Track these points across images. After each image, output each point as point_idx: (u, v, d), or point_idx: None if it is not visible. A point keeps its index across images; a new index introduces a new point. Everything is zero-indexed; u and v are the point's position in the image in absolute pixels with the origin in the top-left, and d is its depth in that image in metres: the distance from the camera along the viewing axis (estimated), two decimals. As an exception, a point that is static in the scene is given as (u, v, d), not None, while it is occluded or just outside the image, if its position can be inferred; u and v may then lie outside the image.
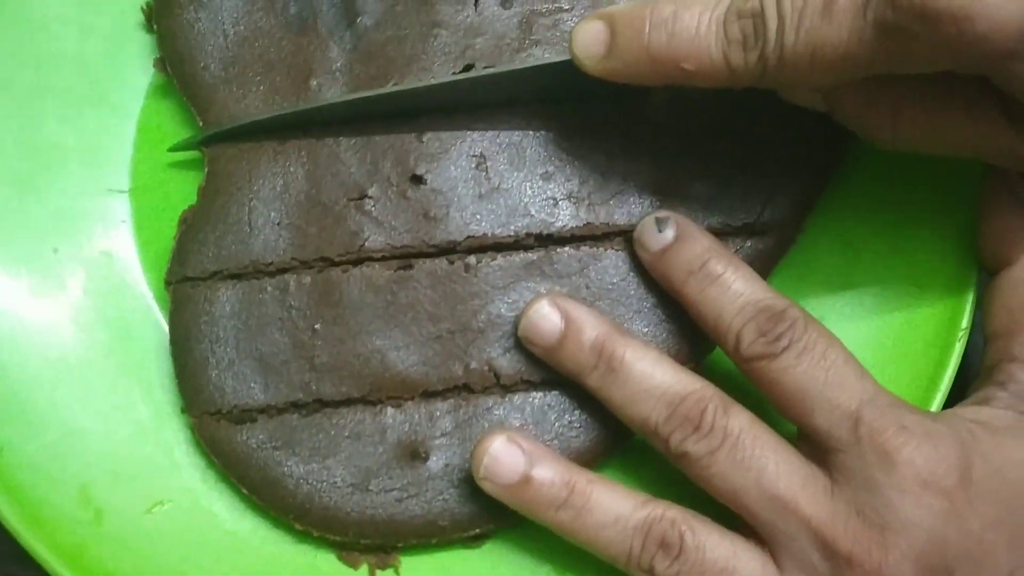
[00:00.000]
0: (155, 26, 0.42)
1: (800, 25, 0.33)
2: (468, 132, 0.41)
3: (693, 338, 0.40)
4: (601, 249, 0.40)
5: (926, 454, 0.35)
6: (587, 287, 0.40)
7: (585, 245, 0.40)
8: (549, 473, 0.37)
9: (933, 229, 0.42)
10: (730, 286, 0.38)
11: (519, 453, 0.37)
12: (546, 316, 0.39)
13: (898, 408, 0.36)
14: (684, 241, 0.39)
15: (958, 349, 0.40)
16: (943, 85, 0.36)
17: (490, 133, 0.41)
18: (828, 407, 0.36)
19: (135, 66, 0.43)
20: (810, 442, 0.37)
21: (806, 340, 0.37)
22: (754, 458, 0.36)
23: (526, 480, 0.37)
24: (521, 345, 0.39)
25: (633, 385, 0.37)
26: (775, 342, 0.37)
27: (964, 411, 0.38)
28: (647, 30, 0.35)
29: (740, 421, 0.37)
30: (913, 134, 0.38)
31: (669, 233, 0.39)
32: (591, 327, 0.38)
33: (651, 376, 0.37)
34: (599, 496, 0.37)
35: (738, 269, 0.38)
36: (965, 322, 0.40)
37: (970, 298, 0.41)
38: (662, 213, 0.39)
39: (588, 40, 0.37)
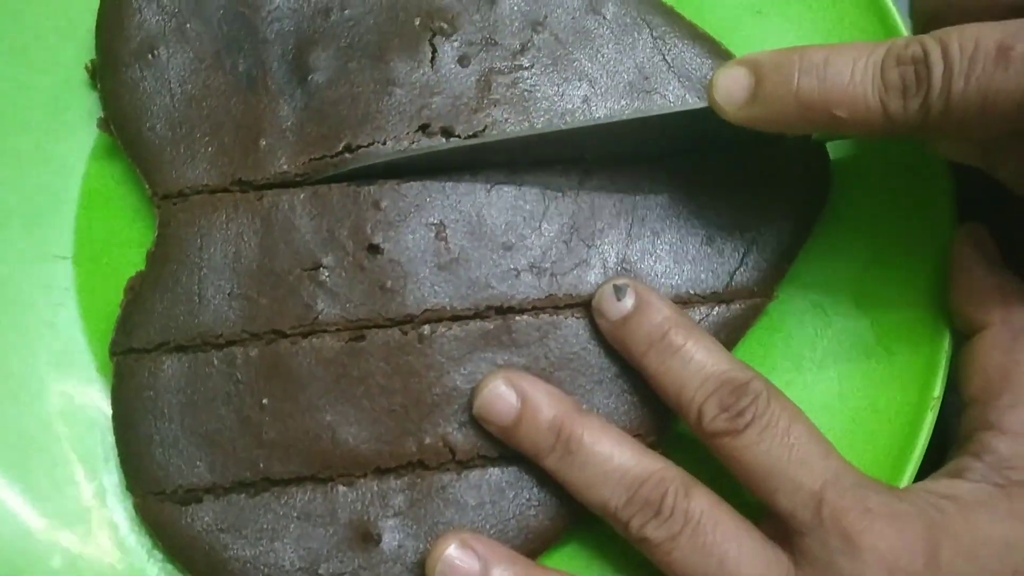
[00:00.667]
0: (99, 85, 0.40)
1: (971, 72, 0.32)
2: (427, 200, 0.39)
3: (656, 409, 0.39)
4: (561, 317, 0.39)
5: (890, 538, 0.34)
6: (546, 357, 0.39)
7: (544, 313, 0.39)
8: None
9: (904, 293, 0.41)
10: (691, 358, 0.37)
11: (474, 558, 0.36)
12: (502, 395, 0.38)
13: (863, 488, 0.35)
14: (643, 310, 0.38)
15: (930, 418, 0.39)
16: None
17: (450, 201, 0.39)
18: (791, 487, 0.35)
19: (79, 126, 0.42)
20: (774, 521, 0.36)
21: (769, 416, 0.36)
22: (716, 544, 0.35)
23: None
24: None
25: (592, 468, 0.36)
26: (737, 418, 0.36)
27: (935, 485, 0.37)
28: (796, 75, 0.34)
29: (702, 504, 0.36)
30: None
31: (628, 302, 0.38)
32: (548, 407, 0.37)
33: (610, 458, 0.36)
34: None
35: (699, 340, 0.37)
36: (937, 391, 0.39)
37: (942, 366, 0.40)
38: (620, 280, 0.38)
39: (730, 86, 0.36)
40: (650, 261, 0.40)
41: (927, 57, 0.32)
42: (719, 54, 0.41)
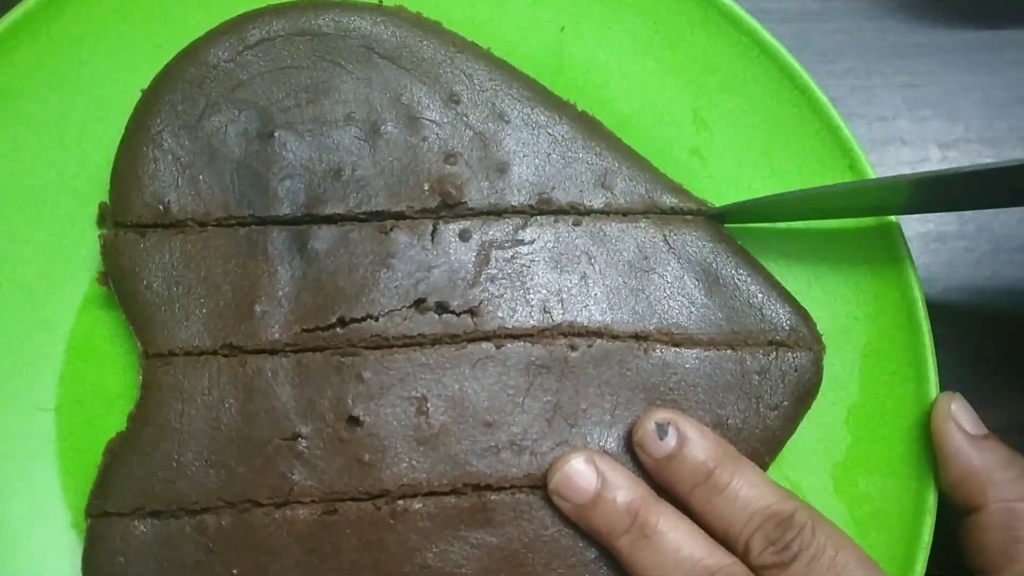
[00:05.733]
0: (102, 237, 0.41)
1: None
2: (411, 373, 0.39)
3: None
4: (537, 497, 0.39)
5: None
6: (520, 538, 0.39)
7: (522, 492, 0.39)
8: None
9: (883, 480, 0.41)
10: (737, 495, 0.38)
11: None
12: (581, 472, 0.38)
13: None
14: (687, 448, 0.38)
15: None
16: None
17: (434, 375, 0.40)
18: None
19: (71, 276, 0.42)
20: None
21: (816, 546, 0.37)
22: None
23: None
24: None
25: (664, 555, 0.37)
26: (784, 551, 0.37)
27: None
28: None
29: None
30: None
31: (671, 441, 0.39)
32: (627, 488, 0.38)
33: (683, 547, 0.37)
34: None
35: (744, 475, 0.38)
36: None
37: (920, 559, 0.40)
38: (662, 415, 0.39)
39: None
40: (631, 446, 0.40)
41: None
42: (720, 237, 0.42)
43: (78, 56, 0.43)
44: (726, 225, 0.43)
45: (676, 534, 0.37)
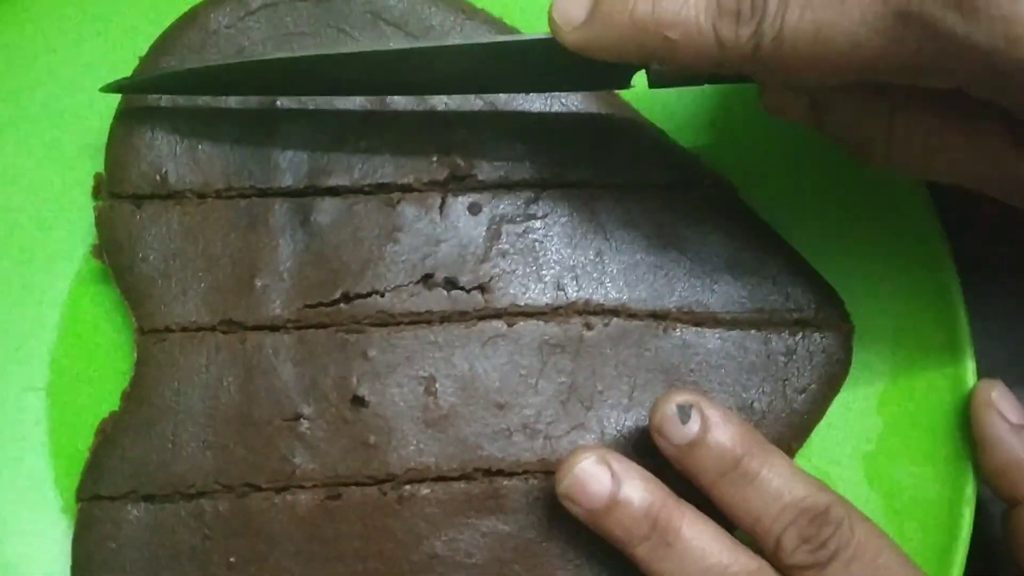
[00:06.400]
0: (97, 208, 0.39)
1: (807, 4, 0.30)
2: (418, 351, 0.38)
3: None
4: (550, 483, 0.37)
5: None
6: (534, 525, 0.37)
7: (535, 478, 0.37)
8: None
9: (917, 470, 0.39)
10: (767, 487, 0.35)
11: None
12: (595, 475, 0.35)
13: None
14: (712, 433, 0.35)
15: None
16: (945, 100, 0.33)
17: (443, 353, 0.38)
18: None
19: (64, 250, 0.40)
20: None
21: (855, 546, 0.34)
22: None
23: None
24: None
25: (689, 563, 0.34)
26: (820, 550, 0.34)
27: None
28: None
29: None
30: (907, 154, 0.35)
31: (694, 426, 0.35)
32: (645, 491, 0.35)
33: (709, 554, 0.34)
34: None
35: (774, 465, 0.35)
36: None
37: (959, 552, 0.38)
38: (683, 397, 0.35)
39: (568, 5, 0.34)
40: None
41: None
42: (742, 210, 0.40)
43: (71, 20, 0.41)
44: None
45: (701, 540, 0.34)
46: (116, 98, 0.40)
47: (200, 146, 0.39)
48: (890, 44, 0.30)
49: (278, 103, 0.39)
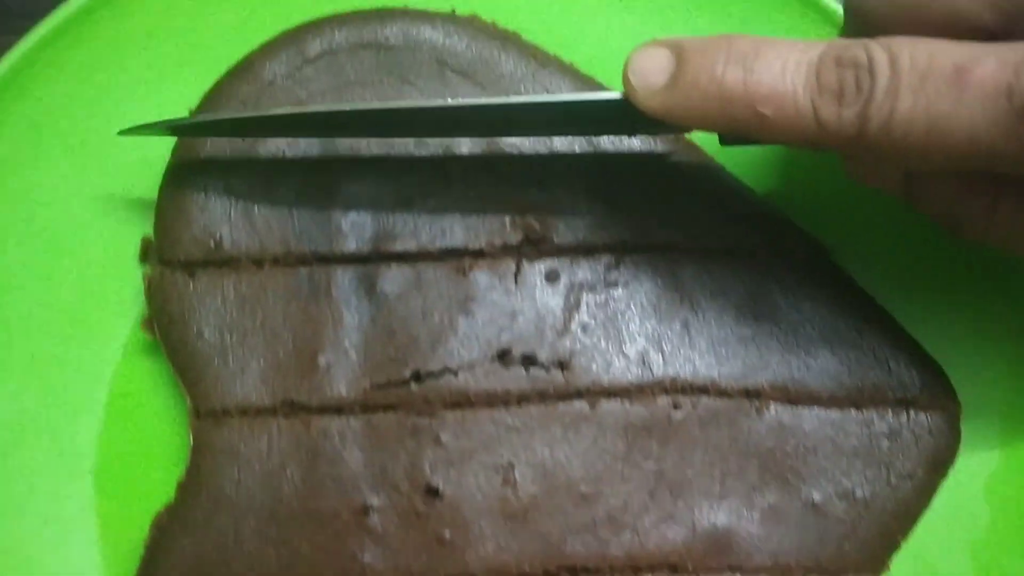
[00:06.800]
0: (146, 278, 0.36)
1: (921, 90, 0.28)
2: (495, 436, 0.35)
3: None
4: None
5: None
6: None
7: (621, 575, 0.34)
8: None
9: None
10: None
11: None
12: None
13: None
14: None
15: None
16: None
17: (521, 439, 0.35)
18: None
19: (112, 320, 0.37)
20: None
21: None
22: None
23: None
24: None
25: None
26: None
27: None
28: (722, 63, 0.30)
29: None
30: (1009, 232, 0.32)
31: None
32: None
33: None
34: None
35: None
36: None
37: None
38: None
39: (648, 67, 0.32)
40: (746, 522, 0.35)
41: (872, 64, 0.28)
42: (837, 276, 0.37)
43: (119, 71, 0.38)
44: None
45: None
46: (165, 154, 0.37)
47: (256, 207, 0.36)
48: (1012, 140, 0.27)
49: (339, 158, 0.37)
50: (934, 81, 0.28)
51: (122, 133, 0.36)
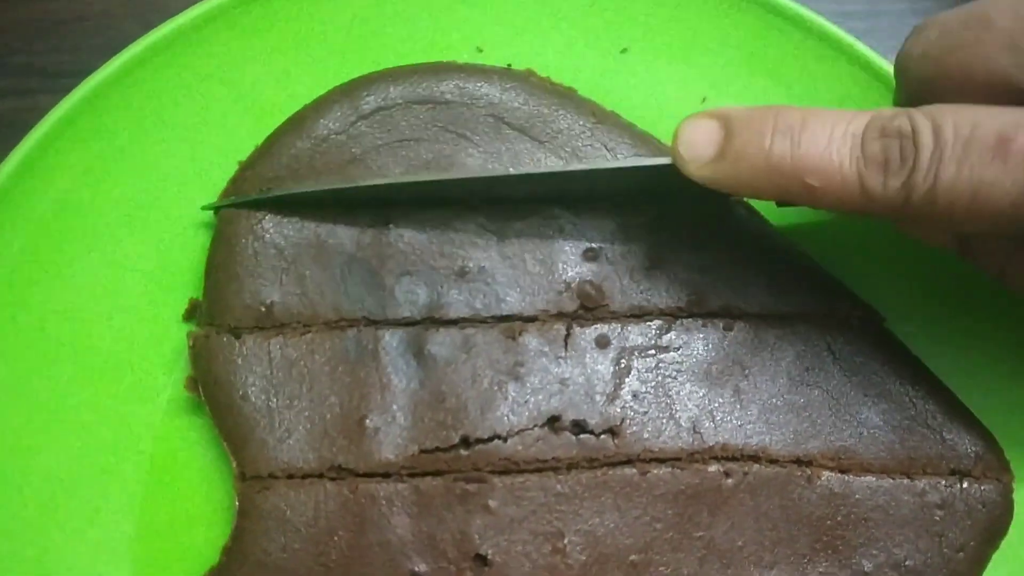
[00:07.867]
0: (191, 338, 0.36)
1: (964, 159, 0.28)
2: (544, 504, 0.34)
3: None
4: None
5: None
6: None
7: None
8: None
9: None
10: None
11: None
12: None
13: None
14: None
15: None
16: None
17: (571, 506, 0.34)
18: None
19: (152, 379, 0.36)
20: None
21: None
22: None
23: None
24: None
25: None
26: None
27: None
28: (770, 135, 0.31)
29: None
30: None
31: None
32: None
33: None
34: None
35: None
36: None
37: None
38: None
39: (697, 139, 0.32)
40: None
41: (916, 135, 0.29)
42: (890, 343, 0.37)
43: (164, 119, 0.38)
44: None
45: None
46: (211, 213, 0.37)
47: (308, 273, 0.36)
48: None
49: (391, 223, 0.36)
50: (977, 149, 0.28)
51: (207, 208, 0.37)
